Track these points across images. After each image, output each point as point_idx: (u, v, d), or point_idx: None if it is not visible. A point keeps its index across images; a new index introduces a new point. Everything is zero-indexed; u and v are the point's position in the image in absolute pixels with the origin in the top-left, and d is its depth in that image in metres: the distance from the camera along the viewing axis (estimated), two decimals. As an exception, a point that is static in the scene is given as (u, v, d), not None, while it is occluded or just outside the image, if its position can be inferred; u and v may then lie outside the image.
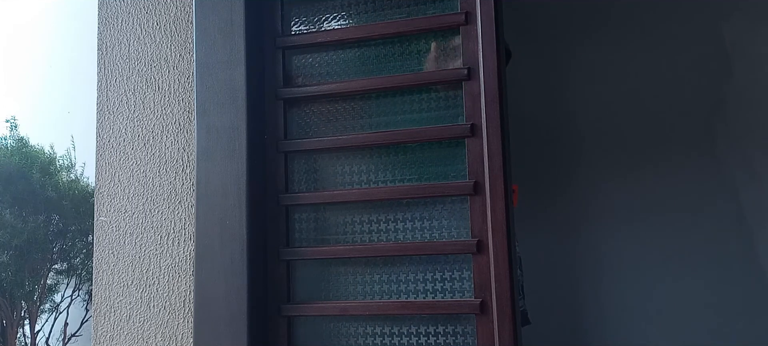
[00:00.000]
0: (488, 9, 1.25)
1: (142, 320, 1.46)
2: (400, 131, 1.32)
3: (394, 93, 1.34)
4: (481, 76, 1.26)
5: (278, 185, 1.37)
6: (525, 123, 2.29)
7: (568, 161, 2.73)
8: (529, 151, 2.43)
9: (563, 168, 2.73)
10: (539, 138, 2.65)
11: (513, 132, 1.28)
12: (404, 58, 1.35)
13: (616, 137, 2.65)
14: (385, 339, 1.30)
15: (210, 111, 1.35)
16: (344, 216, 1.35)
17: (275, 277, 1.35)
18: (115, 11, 1.57)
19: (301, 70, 1.41)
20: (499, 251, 1.20)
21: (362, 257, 1.33)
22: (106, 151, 1.54)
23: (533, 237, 2.26)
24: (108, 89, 1.55)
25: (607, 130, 2.69)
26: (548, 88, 2.75)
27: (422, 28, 1.33)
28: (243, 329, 1.29)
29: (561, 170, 2.73)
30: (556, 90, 2.76)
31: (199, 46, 1.38)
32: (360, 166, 1.35)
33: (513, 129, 1.28)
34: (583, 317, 2.64)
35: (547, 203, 2.66)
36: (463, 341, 1.25)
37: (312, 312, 1.34)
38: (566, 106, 2.76)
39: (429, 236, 1.29)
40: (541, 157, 2.64)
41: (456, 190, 1.28)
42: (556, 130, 2.73)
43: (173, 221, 1.47)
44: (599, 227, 2.66)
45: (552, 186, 2.70)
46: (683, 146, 2.68)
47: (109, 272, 1.50)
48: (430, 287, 1.28)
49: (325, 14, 1.41)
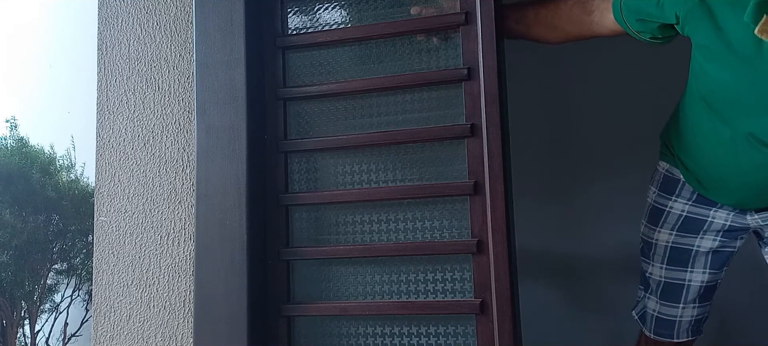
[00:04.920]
0: (488, 9, 1.25)
1: (142, 320, 1.46)
2: (400, 131, 1.32)
3: (394, 93, 1.34)
4: (481, 76, 1.25)
5: (278, 185, 1.37)
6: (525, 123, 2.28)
7: (568, 161, 2.73)
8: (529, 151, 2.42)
9: (564, 168, 2.73)
10: (540, 138, 2.65)
11: (513, 132, 1.28)
12: (404, 57, 1.35)
13: (616, 137, 2.65)
14: (385, 339, 1.30)
15: (210, 111, 1.35)
16: (344, 216, 1.35)
17: (275, 277, 1.35)
18: (115, 11, 1.57)
19: (301, 70, 1.41)
20: (499, 251, 1.20)
21: (362, 257, 1.33)
22: (106, 151, 1.54)
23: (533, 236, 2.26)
24: (108, 89, 1.55)
25: (607, 130, 2.69)
26: (549, 87, 2.75)
27: (422, 28, 1.33)
28: (243, 329, 1.29)
29: (561, 170, 2.73)
30: (557, 89, 2.76)
31: (199, 46, 1.38)
32: (360, 166, 1.35)
33: (513, 129, 1.27)
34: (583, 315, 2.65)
35: (547, 203, 2.66)
36: (463, 341, 1.25)
37: (312, 312, 1.34)
38: (567, 106, 2.76)
39: (429, 236, 1.29)
40: (542, 157, 2.64)
41: (456, 190, 1.27)
42: (557, 130, 2.73)
43: (173, 221, 1.47)
44: (599, 227, 2.66)
45: (552, 186, 2.70)
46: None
47: (109, 272, 1.50)
48: (430, 287, 1.28)
49: (324, 14, 1.41)
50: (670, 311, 1.58)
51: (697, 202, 1.53)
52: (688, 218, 1.54)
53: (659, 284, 1.58)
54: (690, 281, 1.55)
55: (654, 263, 1.59)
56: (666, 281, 1.57)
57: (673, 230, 1.55)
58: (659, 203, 1.58)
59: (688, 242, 1.55)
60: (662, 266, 1.57)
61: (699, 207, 1.53)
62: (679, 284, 1.56)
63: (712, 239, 1.54)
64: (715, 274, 1.57)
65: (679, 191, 1.55)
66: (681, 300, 1.57)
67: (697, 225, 1.53)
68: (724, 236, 1.54)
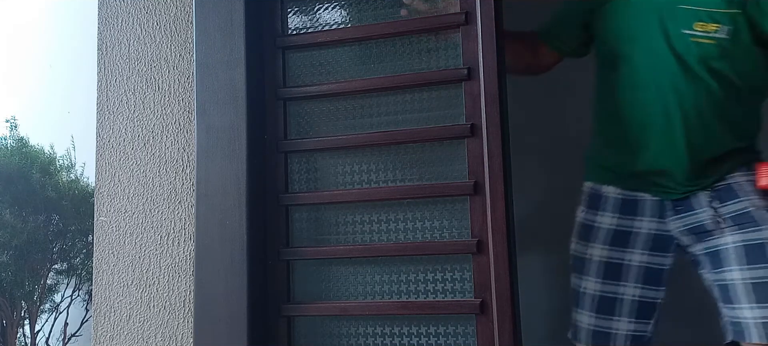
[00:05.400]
0: (488, 9, 1.25)
1: (142, 320, 1.46)
2: (400, 131, 1.32)
3: (394, 93, 1.34)
4: (481, 76, 1.25)
5: (278, 185, 1.37)
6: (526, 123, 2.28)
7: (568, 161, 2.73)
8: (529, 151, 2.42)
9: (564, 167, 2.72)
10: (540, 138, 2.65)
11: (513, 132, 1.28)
12: (404, 57, 1.35)
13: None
14: (385, 339, 1.30)
15: (210, 111, 1.35)
16: (344, 216, 1.35)
17: (275, 277, 1.35)
18: (115, 11, 1.57)
19: (301, 70, 1.41)
20: (499, 251, 1.20)
21: (362, 257, 1.33)
22: (106, 151, 1.54)
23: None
24: (108, 89, 1.55)
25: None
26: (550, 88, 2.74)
27: (422, 28, 1.33)
28: (243, 329, 1.29)
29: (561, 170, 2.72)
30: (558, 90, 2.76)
31: (199, 46, 1.38)
32: (360, 166, 1.35)
33: (513, 129, 1.27)
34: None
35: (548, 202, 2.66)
36: (463, 341, 1.25)
37: (312, 312, 1.34)
38: (567, 106, 2.75)
39: (429, 236, 1.29)
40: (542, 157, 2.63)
41: (456, 190, 1.28)
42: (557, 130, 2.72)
43: (173, 221, 1.47)
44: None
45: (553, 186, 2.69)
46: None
47: (109, 272, 1.50)
48: (430, 287, 1.28)
49: (324, 14, 1.41)
50: (606, 323, 1.61)
51: (622, 213, 1.62)
52: (617, 232, 1.62)
53: (594, 298, 1.62)
54: (623, 294, 1.60)
55: (588, 278, 1.63)
56: (601, 295, 1.61)
57: (604, 244, 1.62)
58: (588, 220, 1.66)
59: (619, 255, 1.61)
60: (597, 279, 1.62)
61: (625, 219, 1.62)
62: (612, 298, 1.60)
63: (641, 252, 1.60)
64: (650, 291, 1.61)
65: (603, 205, 1.64)
66: (615, 313, 1.61)
67: (625, 238, 1.61)
68: (653, 249, 1.60)
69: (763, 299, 1.44)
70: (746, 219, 1.49)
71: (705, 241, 1.55)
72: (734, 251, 1.49)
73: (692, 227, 1.56)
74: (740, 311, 1.47)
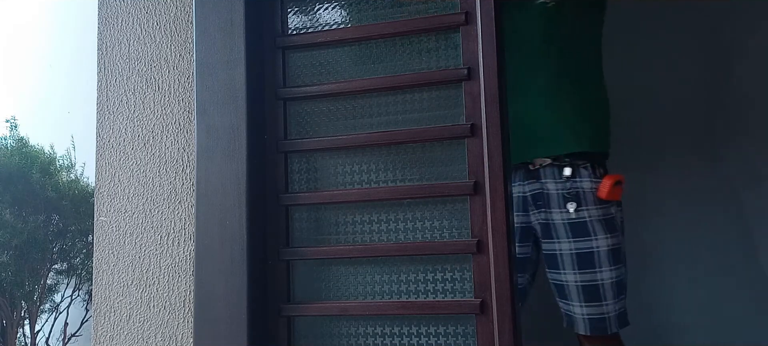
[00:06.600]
0: (488, 9, 1.25)
1: (142, 320, 1.46)
2: (400, 131, 1.32)
3: (394, 93, 1.34)
4: (481, 76, 1.25)
5: (278, 185, 1.37)
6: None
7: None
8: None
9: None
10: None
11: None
12: (404, 57, 1.35)
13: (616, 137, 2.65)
14: (385, 339, 1.30)
15: (210, 111, 1.35)
16: (344, 216, 1.35)
17: (275, 277, 1.35)
18: (115, 11, 1.57)
19: (301, 70, 1.41)
20: (499, 251, 1.20)
21: (362, 257, 1.33)
22: (106, 151, 1.54)
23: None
24: (108, 89, 1.55)
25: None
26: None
27: (422, 28, 1.33)
28: (243, 329, 1.29)
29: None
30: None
31: (199, 46, 1.38)
32: (360, 166, 1.35)
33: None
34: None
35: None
36: (463, 341, 1.25)
37: (312, 312, 1.34)
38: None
39: (429, 236, 1.29)
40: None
41: (456, 190, 1.27)
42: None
43: (173, 221, 1.47)
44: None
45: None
46: (684, 146, 2.68)
47: (109, 272, 1.50)
48: (430, 287, 1.28)
49: (324, 14, 1.41)
50: None
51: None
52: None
53: None
54: None
55: None
56: None
57: None
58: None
59: None
60: None
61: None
62: None
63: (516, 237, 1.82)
64: (521, 277, 1.85)
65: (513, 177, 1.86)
66: None
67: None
68: (521, 238, 1.85)
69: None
70: None
71: None
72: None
73: None
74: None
